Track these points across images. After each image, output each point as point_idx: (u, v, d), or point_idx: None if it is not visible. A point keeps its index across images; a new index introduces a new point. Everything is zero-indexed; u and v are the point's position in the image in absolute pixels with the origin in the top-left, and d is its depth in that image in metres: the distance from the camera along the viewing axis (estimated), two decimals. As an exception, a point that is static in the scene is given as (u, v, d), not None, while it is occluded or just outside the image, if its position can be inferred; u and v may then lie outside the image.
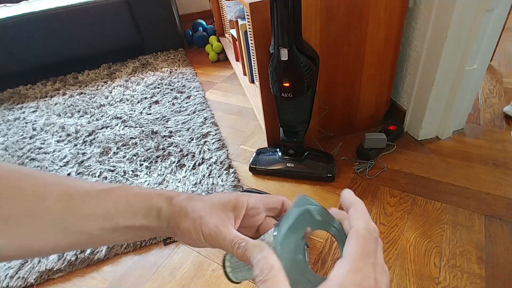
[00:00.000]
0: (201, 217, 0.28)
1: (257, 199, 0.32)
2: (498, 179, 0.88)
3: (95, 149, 1.25)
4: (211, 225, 0.28)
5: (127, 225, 0.29)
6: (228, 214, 0.29)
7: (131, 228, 0.29)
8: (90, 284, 0.77)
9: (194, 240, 0.29)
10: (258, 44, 0.88)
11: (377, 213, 0.84)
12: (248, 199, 0.31)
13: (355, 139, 1.11)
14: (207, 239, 0.28)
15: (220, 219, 0.28)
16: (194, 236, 0.29)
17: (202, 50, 2.25)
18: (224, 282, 0.73)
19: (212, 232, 0.28)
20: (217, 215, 0.29)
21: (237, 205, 0.30)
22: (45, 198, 0.26)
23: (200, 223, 0.28)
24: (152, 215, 0.29)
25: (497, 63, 1.48)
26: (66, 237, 0.27)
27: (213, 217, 0.28)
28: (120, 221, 0.28)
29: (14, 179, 0.26)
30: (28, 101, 1.75)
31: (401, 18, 0.93)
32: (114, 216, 0.28)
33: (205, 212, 0.29)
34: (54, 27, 1.83)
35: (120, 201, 0.29)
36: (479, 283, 0.65)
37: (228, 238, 0.27)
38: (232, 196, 0.30)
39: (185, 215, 0.29)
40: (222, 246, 0.28)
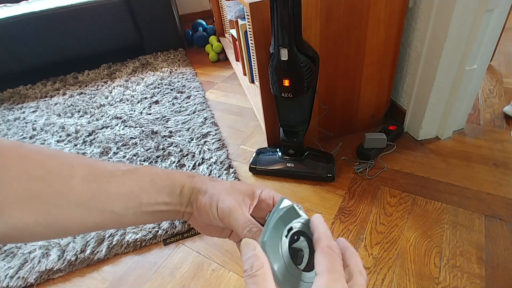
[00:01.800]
0: (219, 193, 0.30)
1: (269, 195, 0.33)
2: (498, 179, 0.88)
3: (95, 149, 1.25)
4: (227, 202, 0.29)
5: (150, 202, 0.30)
6: (244, 199, 0.31)
7: (154, 206, 0.30)
8: (90, 284, 0.77)
9: (208, 216, 0.30)
10: (258, 44, 0.88)
11: (377, 213, 0.84)
12: (262, 191, 0.32)
13: (355, 139, 1.11)
14: (221, 215, 0.29)
15: (236, 201, 0.30)
16: (209, 211, 0.30)
17: (202, 50, 2.25)
18: (224, 282, 0.73)
19: (227, 208, 0.29)
20: (234, 197, 0.30)
21: (251, 194, 0.31)
22: (71, 178, 0.27)
23: (217, 199, 0.30)
24: (175, 192, 0.31)
25: (497, 63, 1.48)
26: (91, 216, 0.28)
27: (230, 197, 0.30)
28: (144, 199, 0.29)
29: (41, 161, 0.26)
30: (28, 101, 1.75)
31: (401, 18, 0.93)
32: (139, 195, 0.29)
33: (224, 191, 0.30)
34: (54, 27, 1.83)
35: (144, 180, 0.30)
36: (479, 283, 0.65)
37: (240, 220, 0.28)
38: (248, 186, 0.32)
39: (205, 191, 0.31)
40: (234, 225, 0.29)
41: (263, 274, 0.23)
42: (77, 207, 0.27)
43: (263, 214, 0.33)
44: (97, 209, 0.28)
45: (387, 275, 0.69)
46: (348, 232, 0.80)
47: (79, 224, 0.27)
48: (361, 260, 0.27)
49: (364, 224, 0.81)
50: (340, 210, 0.86)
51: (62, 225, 0.27)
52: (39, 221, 0.25)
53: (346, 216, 0.84)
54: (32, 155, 0.26)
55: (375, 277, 0.69)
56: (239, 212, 0.29)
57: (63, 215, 0.26)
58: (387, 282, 0.68)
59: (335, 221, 0.83)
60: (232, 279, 0.73)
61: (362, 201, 0.88)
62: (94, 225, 0.28)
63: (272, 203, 0.33)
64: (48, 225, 0.26)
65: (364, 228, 0.80)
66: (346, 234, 0.79)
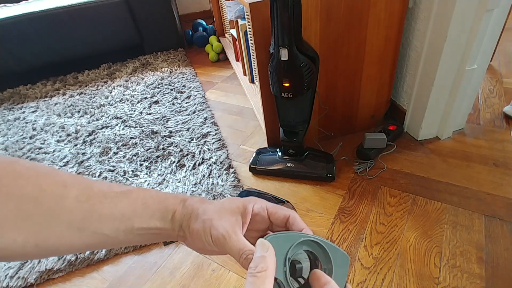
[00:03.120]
0: (211, 219, 0.29)
1: (262, 207, 0.31)
2: (498, 179, 0.88)
3: (95, 149, 1.25)
4: (221, 228, 0.28)
5: (142, 227, 0.29)
6: (237, 219, 0.30)
7: (146, 230, 0.30)
8: (90, 284, 0.77)
9: (203, 243, 0.29)
10: (258, 44, 0.88)
11: (377, 213, 0.84)
12: (254, 206, 0.31)
13: (355, 139, 1.11)
14: (215, 242, 0.28)
15: (229, 223, 0.29)
16: (203, 238, 0.29)
17: (202, 50, 2.25)
18: (224, 282, 0.73)
19: (221, 236, 0.28)
20: (226, 219, 0.29)
21: (243, 211, 0.30)
22: (64, 198, 0.26)
23: (210, 225, 0.29)
24: (167, 217, 0.30)
25: (497, 63, 1.48)
26: (81, 238, 0.27)
27: (223, 221, 0.29)
28: (135, 223, 0.29)
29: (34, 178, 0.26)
30: (28, 101, 1.75)
31: (401, 18, 0.93)
32: (130, 218, 0.29)
33: (215, 215, 0.29)
34: (54, 27, 1.83)
35: (137, 203, 0.29)
36: (479, 283, 0.65)
37: (236, 246, 0.27)
38: (240, 202, 0.31)
39: (196, 216, 0.30)
40: (229, 252, 0.28)
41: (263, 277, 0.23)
42: (68, 228, 0.26)
43: (257, 227, 0.33)
44: (88, 230, 0.27)
45: (387, 275, 0.69)
46: (348, 232, 0.80)
47: (68, 245, 0.27)
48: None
49: (364, 224, 0.81)
50: (340, 210, 0.86)
51: (53, 245, 0.26)
52: (30, 241, 0.25)
53: (346, 216, 0.84)
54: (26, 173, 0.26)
55: (375, 277, 0.69)
56: (233, 239, 0.28)
57: (54, 235, 0.26)
58: (387, 282, 0.68)
59: (335, 221, 0.83)
60: (232, 279, 0.73)
61: (362, 201, 0.88)
62: (84, 246, 0.28)
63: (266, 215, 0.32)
64: (38, 245, 0.26)
65: (364, 228, 0.80)
66: (346, 234, 0.79)
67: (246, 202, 0.31)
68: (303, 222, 0.31)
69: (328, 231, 0.81)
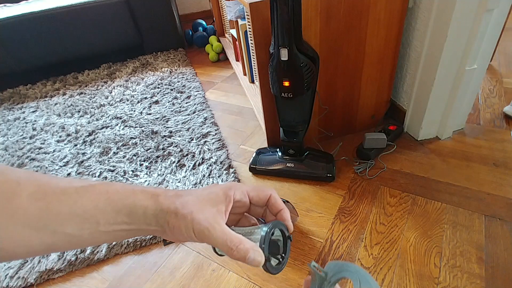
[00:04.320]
0: (191, 212, 0.28)
1: (243, 193, 0.31)
2: (498, 179, 0.88)
3: (95, 149, 1.25)
4: (203, 221, 0.27)
5: (108, 223, 0.27)
6: (218, 208, 0.29)
7: (112, 227, 0.27)
8: (90, 284, 0.77)
9: (185, 237, 0.28)
10: (258, 44, 0.88)
11: (377, 213, 0.84)
12: (234, 193, 0.30)
13: (355, 139, 1.11)
14: (198, 236, 0.28)
15: (211, 215, 0.28)
16: (185, 233, 0.28)
17: (202, 50, 2.25)
18: (224, 282, 0.73)
19: (205, 229, 0.27)
20: (208, 211, 0.28)
21: (225, 199, 0.30)
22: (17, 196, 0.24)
23: (191, 219, 0.27)
24: (137, 213, 0.28)
25: (497, 63, 1.48)
26: (41, 238, 0.25)
27: (204, 213, 0.28)
28: (100, 220, 0.27)
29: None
30: (28, 101, 1.75)
31: (401, 18, 0.93)
32: (94, 215, 0.26)
33: (195, 208, 0.28)
34: (54, 27, 1.83)
35: (100, 198, 0.27)
36: (479, 283, 0.65)
37: (221, 238, 0.27)
38: (220, 190, 0.30)
39: (175, 212, 0.28)
40: (214, 243, 0.28)
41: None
42: (24, 228, 0.24)
43: (237, 211, 0.33)
44: (47, 229, 0.25)
45: (387, 275, 0.69)
46: (348, 232, 0.80)
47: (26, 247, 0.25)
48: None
49: (364, 224, 0.81)
50: (340, 210, 0.86)
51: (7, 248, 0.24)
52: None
53: (346, 216, 0.84)
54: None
55: (375, 277, 0.69)
56: (218, 231, 0.27)
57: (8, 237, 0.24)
58: (387, 282, 0.68)
59: (335, 221, 0.83)
60: (232, 279, 0.73)
61: (362, 201, 0.88)
62: (45, 247, 0.26)
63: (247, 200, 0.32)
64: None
65: (364, 228, 0.80)
66: (346, 234, 0.79)
67: (227, 190, 0.30)
68: (281, 202, 0.32)
69: (328, 231, 0.81)
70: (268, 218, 0.33)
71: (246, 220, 0.35)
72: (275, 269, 0.29)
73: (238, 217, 0.34)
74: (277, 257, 0.30)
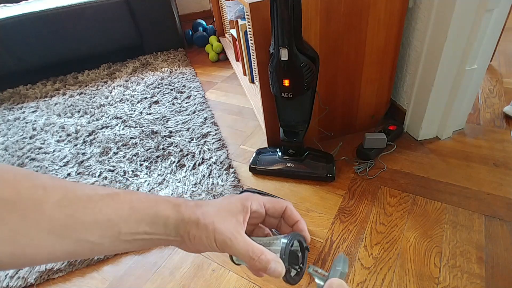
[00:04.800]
0: (213, 222, 0.28)
1: (259, 204, 0.32)
2: (498, 179, 0.88)
3: (95, 149, 1.25)
4: (225, 231, 0.28)
5: (130, 232, 0.27)
6: (237, 218, 0.29)
7: (133, 236, 0.28)
8: (90, 284, 0.77)
9: (205, 247, 0.29)
10: (258, 44, 0.88)
11: (377, 213, 0.84)
12: (251, 203, 0.31)
13: (355, 139, 1.11)
14: (220, 246, 0.28)
15: (232, 225, 0.28)
16: (206, 243, 0.28)
17: (202, 50, 2.25)
18: (224, 282, 0.73)
19: (227, 239, 0.28)
20: (228, 221, 0.29)
21: (243, 210, 0.30)
22: (43, 203, 0.24)
23: (213, 229, 0.28)
24: (158, 223, 0.28)
25: (497, 63, 1.48)
26: (63, 246, 0.25)
27: (225, 223, 0.28)
28: (122, 229, 0.27)
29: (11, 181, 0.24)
30: (28, 101, 1.75)
31: (401, 18, 0.93)
32: (117, 223, 0.27)
33: (216, 218, 0.28)
34: (54, 27, 1.83)
35: (123, 207, 0.27)
36: (479, 283, 0.65)
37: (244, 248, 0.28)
38: (238, 201, 0.31)
39: (196, 222, 0.28)
40: (235, 253, 0.28)
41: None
42: (47, 235, 0.24)
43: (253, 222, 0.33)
44: (70, 238, 0.25)
45: (387, 275, 0.69)
46: (348, 232, 0.80)
47: (47, 253, 0.25)
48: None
49: (364, 224, 0.81)
50: (340, 210, 0.86)
51: (30, 254, 0.24)
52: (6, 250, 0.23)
53: (346, 216, 0.84)
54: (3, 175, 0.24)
55: (375, 277, 0.69)
56: (240, 241, 0.28)
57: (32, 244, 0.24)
58: (387, 282, 0.68)
59: (335, 221, 0.83)
60: (232, 279, 0.73)
61: (362, 201, 0.88)
62: (66, 254, 0.26)
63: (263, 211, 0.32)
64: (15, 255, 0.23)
65: (364, 228, 0.80)
66: (346, 234, 0.79)
67: (244, 201, 0.31)
68: (298, 213, 0.32)
69: (328, 231, 0.81)
70: (283, 229, 0.34)
71: (259, 231, 0.35)
72: (294, 279, 0.29)
73: (253, 227, 0.35)
74: (295, 267, 0.31)
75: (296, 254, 0.31)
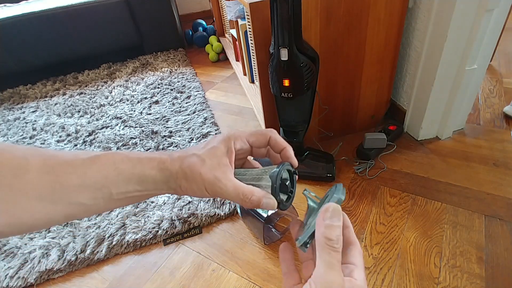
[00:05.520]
0: (200, 174, 0.29)
1: (242, 141, 0.32)
2: (498, 179, 0.88)
3: (95, 149, 1.25)
4: (213, 179, 0.29)
5: (121, 192, 0.28)
6: (224, 162, 0.30)
7: (125, 194, 0.29)
8: (90, 284, 0.77)
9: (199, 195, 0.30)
10: (258, 44, 0.88)
11: (377, 213, 0.84)
12: (234, 143, 0.31)
13: (355, 139, 1.11)
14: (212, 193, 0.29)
15: (219, 171, 0.29)
16: (198, 192, 0.30)
17: (202, 50, 2.25)
18: (224, 282, 0.73)
19: (217, 187, 0.29)
20: (215, 168, 0.29)
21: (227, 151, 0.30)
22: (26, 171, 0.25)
23: (202, 180, 0.29)
24: (147, 181, 0.29)
25: (497, 63, 1.48)
26: (57, 209, 0.26)
27: (212, 170, 0.29)
28: (113, 189, 0.28)
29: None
30: (28, 101, 1.75)
31: (401, 18, 0.93)
32: (105, 185, 0.27)
33: (203, 169, 0.29)
34: (54, 27, 1.83)
35: (108, 169, 0.28)
36: (479, 283, 0.65)
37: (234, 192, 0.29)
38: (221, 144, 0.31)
39: (184, 176, 0.29)
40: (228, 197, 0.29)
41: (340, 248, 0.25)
42: (40, 201, 0.25)
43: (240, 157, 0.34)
44: (62, 201, 0.26)
45: (387, 275, 0.69)
46: (348, 232, 0.80)
47: (45, 218, 0.26)
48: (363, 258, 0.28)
49: (364, 224, 0.81)
50: (340, 210, 0.86)
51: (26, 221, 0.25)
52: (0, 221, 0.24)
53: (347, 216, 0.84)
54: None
55: (375, 277, 0.69)
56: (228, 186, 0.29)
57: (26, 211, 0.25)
58: (387, 282, 0.68)
59: (335, 221, 0.83)
60: (232, 279, 0.73)
61: (362, 201, 0.88)
62: (64, 217, 0.27)
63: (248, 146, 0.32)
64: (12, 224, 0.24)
65: (364, 228, 0.80)
66: (346, 234, 0.79)
67: (227, 142, 0.31)
68: (283, 140, 0.33)
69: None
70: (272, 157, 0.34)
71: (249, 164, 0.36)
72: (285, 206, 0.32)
73: (242, 161, 0.35)
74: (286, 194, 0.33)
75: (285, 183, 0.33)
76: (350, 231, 0.30)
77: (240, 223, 0.86)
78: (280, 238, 0.81)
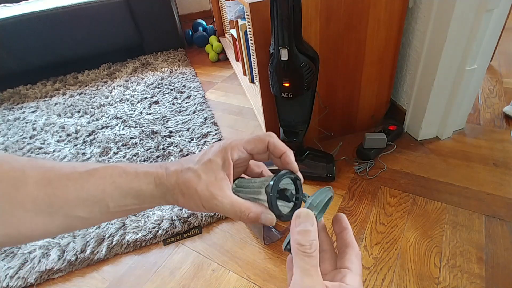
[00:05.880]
0: (196, 191, 0.28)
1: (240, 150, 0.30)
2: (498, 179, 0.88)
3: (95, 149, 1.25)
4: (210, 197, 0.28)
5: (118, 205, 0.29)
6: (221, 177, 0.29)
7: (122, 207, 0.29)
8: (90, 284, 0.77)
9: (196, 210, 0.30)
10: (258, 44, 0.88)
11: (377, 213, 0.84)
12: (231, 154, 0.30)
13: (355, 139, 1.11)
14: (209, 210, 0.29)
15: (217, 186, 0.28)
16: (195, 208, 0.29)
17: (202, 50, 2.25)
18: (224, 282, 0.73)
19: (213, 205, 0.28)
20: (212, 184, 0.28)
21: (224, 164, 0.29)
22: (24, 184, 0.25)
23: (199, 197, 0.28)
24: (145, 195, 0.29)
25: (497, 63, 1.48)
26: (55, 222, 0.26)
27: (209, 187, 0.28)
28: (110, 203, 0.28)
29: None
30: (28, 101, 1.75)
31: (401, 18, 0.93)
32: (102, 198, 0.28)
33: (199, 185, 0.28)
34: (54, 27, 1.83)
35: (105, 183, 0.28)
36: (479, 283, 0.65)
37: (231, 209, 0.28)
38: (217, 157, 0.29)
39: (181, 191, 0.29)
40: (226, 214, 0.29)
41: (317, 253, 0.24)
42: (37, 214, 0.25)
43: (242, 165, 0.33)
44: (59, 215, 0.26)
45: (387, 275, 0.69)
46: (348, 232, 0.80)
47: (42, 230, 0.26)
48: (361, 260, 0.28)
49: (364, 224, 0.81)
50: (340, 210, 0.86)
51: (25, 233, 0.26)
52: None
53: (346, 216, 0.84)
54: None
55: (375, 277, 0.69)
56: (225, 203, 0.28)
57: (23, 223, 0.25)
58: (387, 282, 0.68)
59: (335, 221, 0.83)
60: (232, 279, 0.73)
61: (362, 201, 0.88)
62: (61, 229, 0.27)
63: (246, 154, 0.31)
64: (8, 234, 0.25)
65: (364, 228, 0.80)
66: (346, 234, 0.79)
67: (223, 154, 0.29)
68: (282, 144, 0.31)
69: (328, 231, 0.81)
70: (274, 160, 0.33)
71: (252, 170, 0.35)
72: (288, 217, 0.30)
73: (243, 169, 0.34)
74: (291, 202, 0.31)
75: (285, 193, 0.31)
76: (348, 233, 0.29)
77: (240, 223, 0.86)
78: (280, 238, 0.81)
